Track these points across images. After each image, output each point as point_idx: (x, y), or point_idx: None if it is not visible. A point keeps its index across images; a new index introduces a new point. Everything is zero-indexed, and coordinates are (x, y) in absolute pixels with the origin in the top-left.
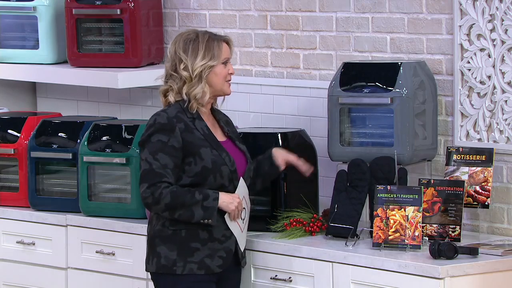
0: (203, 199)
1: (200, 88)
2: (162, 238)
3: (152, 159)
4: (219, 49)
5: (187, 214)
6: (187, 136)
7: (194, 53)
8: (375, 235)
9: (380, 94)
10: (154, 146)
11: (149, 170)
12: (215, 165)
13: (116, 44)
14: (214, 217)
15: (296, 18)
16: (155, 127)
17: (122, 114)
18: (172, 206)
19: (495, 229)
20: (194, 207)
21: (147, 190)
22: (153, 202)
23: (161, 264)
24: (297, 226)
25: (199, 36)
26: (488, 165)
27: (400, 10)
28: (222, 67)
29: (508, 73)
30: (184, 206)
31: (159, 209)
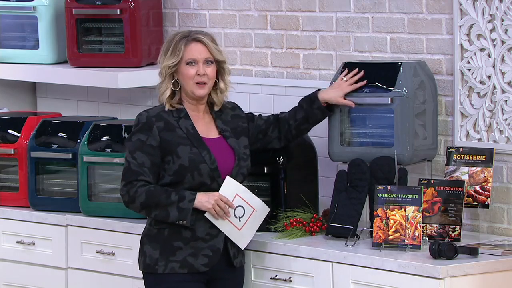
0: (178, 200)
1: (164, 87)
2: (148, 237)
3: (131, 158)
4: (183, 50)
5: (163, 214)
6: (165, 135)
7: (164, 53)
8: (375, 235)
9: (380, 94)
10: (133, 145)
11: (127, 168)
12: (192, 163)
13: (116, 44)
14: (188, 219)
15: (296, 18)
16: (137, 127)
17: (122, 114)
18: (147, 205)
19: (495, 229)
20: (170, 207)
21: (123, 188)
22: (129, 200)
23: (146, 263)
24: (297, 226)
25: (174, 38)
26: (488, 165)
27: (400, 10)
28: (186, 67)
29: (508, 73)
30: (159, 206)
31: (135, 208)
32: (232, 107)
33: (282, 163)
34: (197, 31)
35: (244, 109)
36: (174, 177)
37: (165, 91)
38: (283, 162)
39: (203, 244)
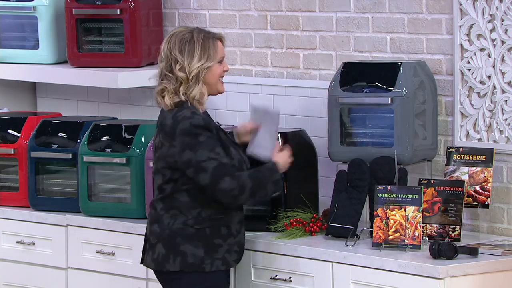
0: (270, 175)
1: (198, 89)
2: (185, 236)
3: (214, 155)
4: (214, 49)
5: (263, 193)
6: (219, 134)
7: (191, 54)
8: (375, 235)
9: (380, 94)
10: (207, 143)
11: (220, 164)
12: (240, 164)
13: (116, 44)
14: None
15: (296, 18)
16: (196, 129)
17: (122, 114)
18: (254, 190)
19: (495, 229)
20: (268, 184)
21: (232, 182)
22: (239, 192)
23: (188, 262)
24: (297, 226)
25: (194, 36)
26: (488, 165)
27: (400, 10)
28: (217, 66)
29: (508, 73)
30: (261, 186)
31: (244, 198)
32: None
33: None
34: (205, 29)
35: (245, 109)
36: None
37: (202, 93)
38: None
39: (233, 240)
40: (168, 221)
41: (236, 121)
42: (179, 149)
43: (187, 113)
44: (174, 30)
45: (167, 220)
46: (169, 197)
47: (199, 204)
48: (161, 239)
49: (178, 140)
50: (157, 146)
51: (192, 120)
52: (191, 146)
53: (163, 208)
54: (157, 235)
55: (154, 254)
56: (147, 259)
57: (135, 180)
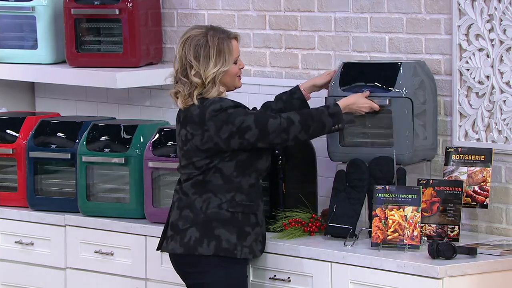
0: (326, 108)
1: (216, 91)
2: (220, 221)
3: (249, 113)
4: (229, 51)
5: (320, 126)
6: None
7: (206, 60)
8: (374, 235)
9: (379, 94)
10: (238, 112)
11: (258, 114)
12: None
13: (114, 44)
14: (343, 122)
15: (294, 18)
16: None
17: (120, 114)
18: (304, 122)
19: (493, 229)
20: (322, 116)
21: (276, 120)
22: (288, 124)
23: (222, 247)
24: (296, 226)
25: (209, 40)
26: (486, 165)
27: (398, 10)
28: (233, 66)
29: (506, 73)
30: (314, 118)
31: (296, 129)
32: None
33: (281, 163)
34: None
35: None
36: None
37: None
38: (282, 162)
39: (259, 230)
40: (201, 205)
41: None
42: (215, 129)
43: (216, 99)
44: (189, 32)
45: (200, 204)
46: (201, 182)
47: (232, 188)
48: (194, 223)
49: (211, 122)
50: (184, 140)
51: (222, 103)
52: (225, 121)
53: (196, 192)
54: (189, 220)
55: (185, 239)
56: (170, 245)
57: (133, 180)
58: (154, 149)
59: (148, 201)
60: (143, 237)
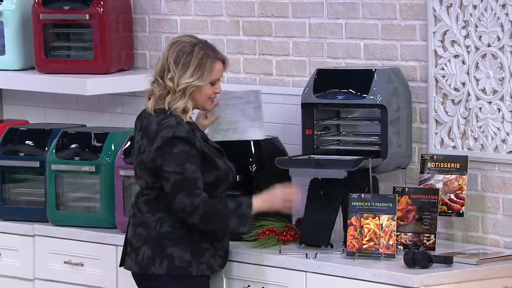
0: (236, 207)
1: (182, 103)
2: (172, 239)
3: (181, 169)
4: (210, 70)
5: (222, 224)
6: (203, 147)
7: (184, 67)
8: (349, 244)
9: (354, 101)
10: (179, 157)
11: (183, 179)
12: (226, 174)
13: (84, 50)
14: (248, 226)
15: (268, 24)
16: (176, 140)
17: (91, 121)
18: (207, 217)
19: (469, 237)
20: (228, 216)
21: (186, 199)
22: (191, 211)
23: (175, 265)
24: (270, 236)
25: (195, 51)
26: (462, 173)
27: (373, 16)
28: (208, 87)
29: (482, 80)
30: (218, 216)
31: (196, 219)
32: None
33: (255, 172)
34: (209, 44)
35: None
36: (206, 188)
37: (186, 107)
38: (256, 171)
39: (218, 245)
40: (155, 224)
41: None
42: (153, 155)
43: (173, 122)
44: (179, 37)
45: (153, 223)
46: (154, 201)
47: None
48: (147, 242)
49: (155, 146)
50: (139, 150)
51: (176, 130)
52: (163, 155)
53: (149, 211)
54: (142, 238)
55: (138, 257)
56: (127, 262)
57: (104, 189)
58: (125, 157)
59: (119, 210)
60: (114, 247)
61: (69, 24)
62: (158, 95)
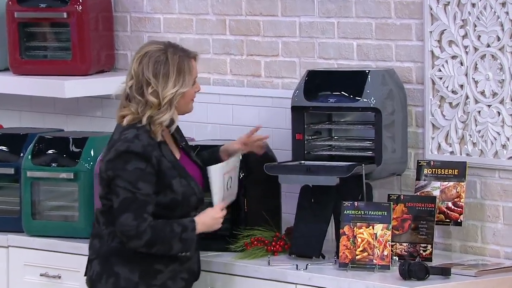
0: (181, 231)
1: (169, 116)
2: (121, 257)
3: (133, 188)
4: (189, 72)
5: (165, 249)
6: (160, 165)
7: (165, 78)
8: (342, 254)
9: (346, 104)
10: (132, 174)
11: (133, 199)
12: (185, 196)
13: (62, 50)
14: (192, 249)
15: (256, 23)
16: (130, 155)
17: (69, 125)
18: (152, 242)
19: (468, 248)
20: (173, 240)
21: (132, 222)
22: (135, 235)
23: (120, 285)
24: (258, 246)
25: (169, 58)
26: (460, 180)
27: (367, 14)
28: (191, 89)
29: (481, 82)
30: (164, 241)
31: (138, 244)
32: None
33: (242, 178)
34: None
35: (202, 120)
36: (160, 209)
37: (168, 120)
38: (243, 177)
39: (181, 267)
40: (107, 238)
41: (192, 133)
42: (105, 167)
43: (131, 135)
44: (146, 48)
45: (106, 236)
46: (108, 212)
47: None
48: (98, 256)
49: (108, 158)
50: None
51: (131, 144)
52: (115, 170)
53: (104, 223)
54: (95, 251)
55: (90, 271)
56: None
57: (83, 197)
58: None
59: None
60: None
61: (46, 23)
62: (139, 111)
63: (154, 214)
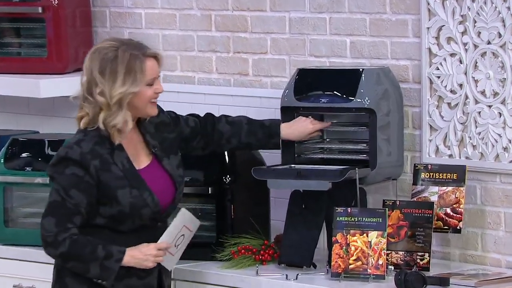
0: (104, 258)
1: (121, 118)
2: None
3: (65, 194)
4: (142, 71)
5: (81, 268)
6: (102, 175)
7: (112, 77)
8: (334, 263)
9: (339, 104)
10: (67, 179)
11: (61, 205)
12: (134, 208)
13: (37, 47)
14: (110, 280)
15: (244, 18)
16: (68, 162)
17: (44, 127)
18: (67, 256)
19: (468, 256)
20: (92, 263)
21: (53, 228)
22: (51, 243)
23: None
24: (245, 254)
25: (119, 55)
26: (460, 185)
27: (361, 9)
28: (147, 89)
29: (481, 81)
30: (80, 260)
31: (53, 253)
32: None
33: (229, 183)
34: (134, 41)
35: None
36: (109, 221)
37: (126, 121)
38: (230, 182)
39: (138, 282)
40: None
41: None
42: (47, 171)
43: (73, 140)
44: (99, 44)
45: None
46: None
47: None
48: (55, 265)
49: (50, 162)
50: None
51: (70, 150)
52: (54, 174)
53: None
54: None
55: (52, 279)
56: None
57: None
58: None
59: None
60: None
61: (20, 18)
62: (92, 115)
63: (103, 225)
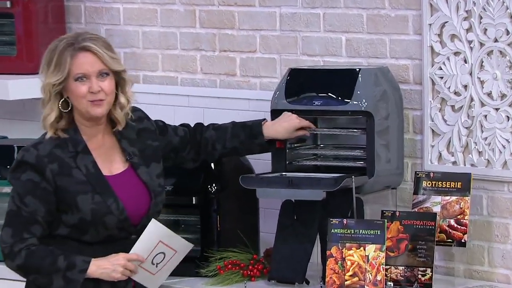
0: (66, 269)
1: (54, 113)
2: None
3: (19, 202)
4: (70, 63)
5: (44, 281)
6: (60, 180)
7: (46, 66)
8: (329, 280)
9: (334, 107)
10: (24, 185)
11: (17, 214)
12: (96, 216)
13: (5, 44)
14: None
15: (231, 14)
16: (25, 166)
17: (13, 132)
18: (25, 269)
19: (473, 272)
20: (54, 275)
21: (9, 239)
22: (8, 254)
23: None
24: (233, 270)
25: (57, 47)
26: (464, 194)
27: (357, 5)
28: (76, 84)
29: (488, 82)
30: (40, 272)
31: (11, 266)
32: (138, 118)
33: (215, 192)
34: (85, 35)
35: None
36: (73, 230)
37: (50, 115)
38: (216, 191)
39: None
40: None
41: None
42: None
43: (31, 143)
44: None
45: None
46: None
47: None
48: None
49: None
50: None
51: (26, 154)
52: (12, 179)
53: None
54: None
55: None
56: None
57: None
58: None
59: None
60: None
61: None
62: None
63: (67, 236)
